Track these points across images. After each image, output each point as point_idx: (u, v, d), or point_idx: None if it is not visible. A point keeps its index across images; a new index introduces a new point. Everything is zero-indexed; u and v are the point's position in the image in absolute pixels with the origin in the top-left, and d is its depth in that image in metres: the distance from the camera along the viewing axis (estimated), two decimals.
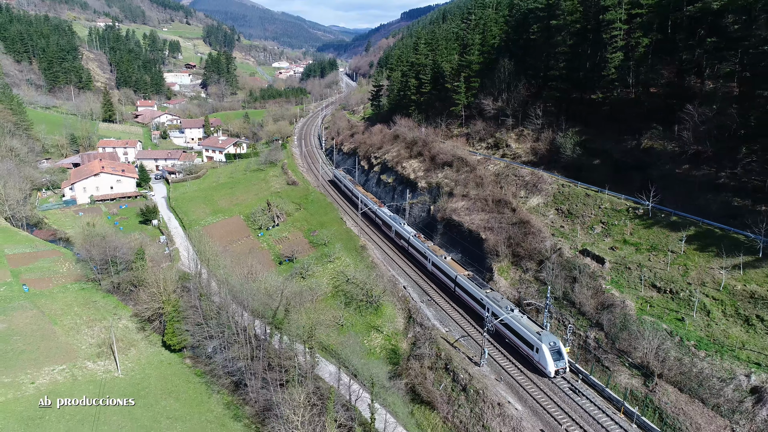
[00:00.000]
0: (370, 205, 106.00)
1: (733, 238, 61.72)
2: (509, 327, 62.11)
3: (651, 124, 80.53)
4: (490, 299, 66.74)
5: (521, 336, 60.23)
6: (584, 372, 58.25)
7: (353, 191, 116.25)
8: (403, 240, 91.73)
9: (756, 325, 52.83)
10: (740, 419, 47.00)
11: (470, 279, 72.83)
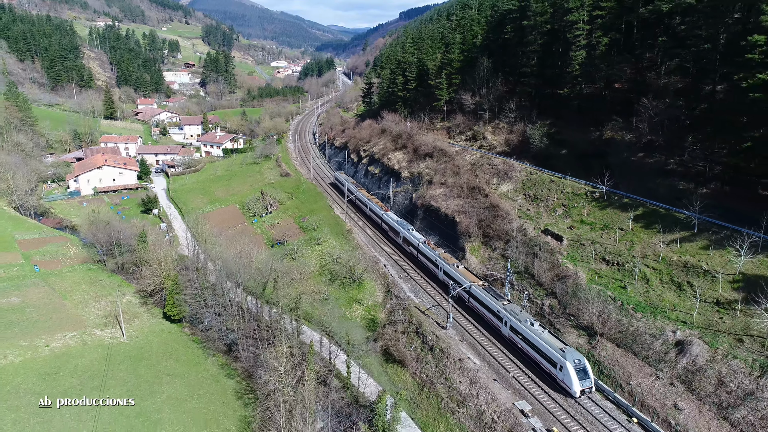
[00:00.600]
0: (375, 209, 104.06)
1: (674, 216, 69.08)
2: (529, 342, 59.47)
3: (612, 116, 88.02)
4: (508, 312, 63.56)
5: (543, 352, 57.35)
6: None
7: (357, 195, 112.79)
8: (412, 247, 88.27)
9: (686, 290, 60.17)
10: (664, 367, 54.36)
11: (486, 290, 69.40)
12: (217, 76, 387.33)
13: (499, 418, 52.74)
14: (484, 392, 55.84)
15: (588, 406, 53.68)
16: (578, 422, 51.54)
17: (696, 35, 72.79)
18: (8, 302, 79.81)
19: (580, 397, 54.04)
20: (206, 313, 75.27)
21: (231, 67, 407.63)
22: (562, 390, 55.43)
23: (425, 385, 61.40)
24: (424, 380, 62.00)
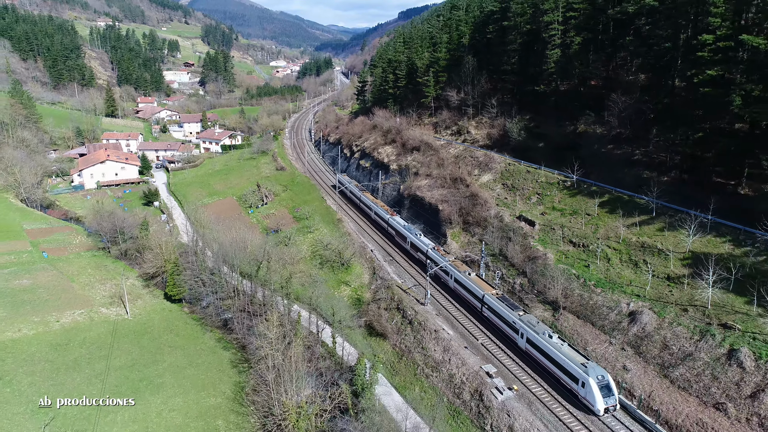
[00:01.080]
0: (380, 213, 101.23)
1: (635, 202, 75.10)
2: (548, 355, 56.76)
3: (586, 111, 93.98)
4: (524, 323, 60.87)
5: (563, 367, 54.58)
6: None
7: (361, 198, 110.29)
8: (420, 253, 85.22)
9: (642, 267, 66.08)
10: (617, 334, 60.24)
11: (500, 299, 66.46)
12: (216, 75, 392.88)
13: (468, 379, 58.61)
14: (455, 358, 61.73)
15: (612, 425, 50.98)
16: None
17: (658, 35, 78.69)
18: (20, 284, 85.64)
19: (604, 415, 51.14)
20: (204, 293, 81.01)
21: (230, 67, 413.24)
22: (584, 407, 52.56)
23: (404, 354, 67.29)
24: (403, 350, 67.88)
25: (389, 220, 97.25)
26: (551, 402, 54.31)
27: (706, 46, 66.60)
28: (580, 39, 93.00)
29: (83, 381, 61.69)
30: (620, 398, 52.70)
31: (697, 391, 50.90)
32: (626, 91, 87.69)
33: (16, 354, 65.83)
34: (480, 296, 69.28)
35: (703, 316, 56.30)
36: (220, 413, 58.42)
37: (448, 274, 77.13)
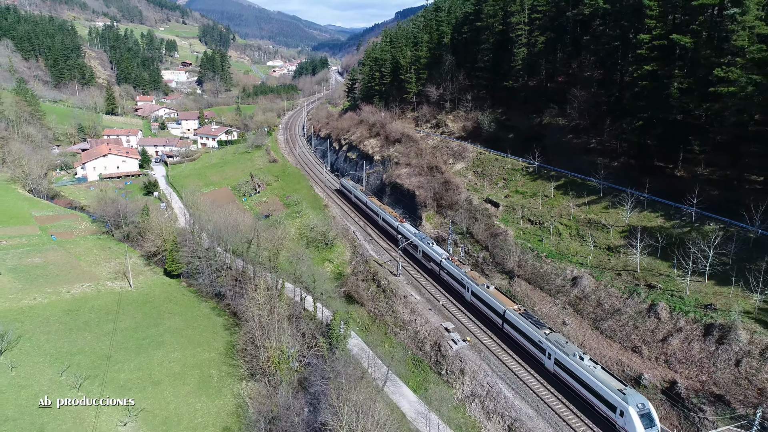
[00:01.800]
0: (389, 220, 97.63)
1: (587, 184, 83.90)
2: (580, 379, 52.42)
3: (550, 105, 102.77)
4: (552, 342, 56.64)
5: (597, 392, 50.27)
6: None
7: (368, 204, 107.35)
8: (433, 263, 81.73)
9: (587, 240, 74.84)
10: (560, 296, 69.02)
11: (523, 316, 62.31)
12: (213, 74, 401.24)
13: (429, 335, 67.33)
14: (420, 318, 70.47)
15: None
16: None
17: (608, 35, 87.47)
18: (32, 262, 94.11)
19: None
20: (200, 268, 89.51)
21: (227, 66, 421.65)
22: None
23: (377, 317, 76.00)
24: (376, 314, 76.57)
25: (399, 228, 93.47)
26: (498, 350, 63.19)
27: (644, 44, 75.38)
28: (543, 39, 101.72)
29: (93, 339, 70.25)
30: (662, 428, 48.77)
31: (620, 339, 59.74)
32: (584, 86, 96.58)
33: (33, 317, 74.31)
34: (501, 312, 65.00)
35: (633, 279, 65.07)
36: (214, 364, 67.02)
37: (464, 286, 73.10)
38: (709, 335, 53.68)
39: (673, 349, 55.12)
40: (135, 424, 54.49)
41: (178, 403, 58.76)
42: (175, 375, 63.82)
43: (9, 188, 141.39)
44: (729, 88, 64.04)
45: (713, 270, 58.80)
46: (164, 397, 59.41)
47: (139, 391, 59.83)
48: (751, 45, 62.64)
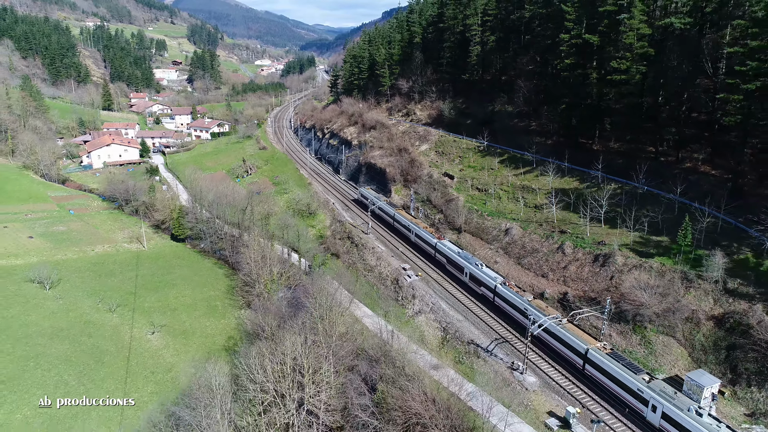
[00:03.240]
0: (423, 236, 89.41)
1: (524, 158, 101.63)
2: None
3: (501, 94, 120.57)
4: (657, 392, 48.63)
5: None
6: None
7: (396, 217, 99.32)
8: (485, 288, 72.25)
9: (520, 201, 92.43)
10: (495, 243, 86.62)
11: (613, 357, 53.30)
12: (203, 72, 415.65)
13: (390, 273, 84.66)
14: (384, 263, 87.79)
15: None
16: None
17: (543, 34, 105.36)
18: (57, 229, 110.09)
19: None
20: (203, 233, 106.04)
21: (216, 65, 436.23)
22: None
23: (350, 266, 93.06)
24: (350, 263, 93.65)
25: (438, 245, 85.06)
26: (441, 280, 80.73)
27: (565, 42, 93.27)
28: (494, 38, 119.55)
29: (119, 282, 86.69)
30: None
31: (535, 269, 77.54)
32: (528, 78, 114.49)
33: (67, 267, 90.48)
34: (581, 351, 55.48)
35: (550, 227, 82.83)
36: (218, 299, 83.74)
37: (527, 317, 61.61)
38: (596, 261, 71.65)
39: (570, 272, 73.05)
40: (160, 334, 71.13)
41: (191, 323, 75.43)
42: (187, 305, 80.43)
43: (23, 174, 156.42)
44: (622, 76, 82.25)
45: (607, 216, 76.79)
46: (180, 319, 76.06)
47: (160, 315, 76.43)
48: (637, 42, 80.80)
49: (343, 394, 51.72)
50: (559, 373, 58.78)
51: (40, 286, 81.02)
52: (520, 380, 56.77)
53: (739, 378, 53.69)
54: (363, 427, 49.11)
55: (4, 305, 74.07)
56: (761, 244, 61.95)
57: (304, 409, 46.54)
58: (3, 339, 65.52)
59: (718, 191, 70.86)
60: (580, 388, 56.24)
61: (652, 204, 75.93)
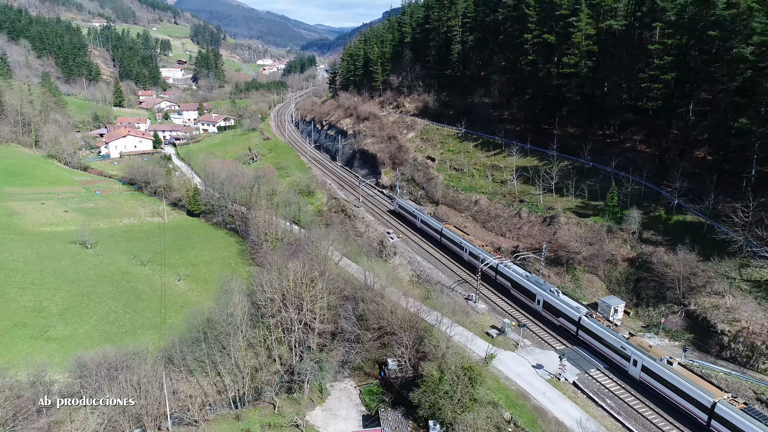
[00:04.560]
0: (480, 255, 78.83)
1: (495, 142, 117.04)
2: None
3: (478, 87, 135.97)
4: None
5: None
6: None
7: (444, 232, 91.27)
8: (566, 319, 64.01)
9: (488, 178, 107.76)
10: (466, 212, 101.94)
11: (749, 413, 44.16)
12: (207, 71, 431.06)
13: (376, 238, 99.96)
14: (371, 229, 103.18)
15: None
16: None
17: (513, 34, 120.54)
18: (87, 206, 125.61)
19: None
20: (215, 209, 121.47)
21: (220, 64, 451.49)
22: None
23: (343, 233, 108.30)
24: (342, 232, 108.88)
25: (499, 267, 76.12)
26: (417, 240, 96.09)
27: (528, 41, 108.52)
28: (473, 38, 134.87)
29: (147, 245, 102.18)
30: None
31: (496, 230, 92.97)
32: (501, 73, 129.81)
33: (101, 234, 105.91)
34: (707, 404, 46.87)
35: (512, 198, 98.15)
36: (231, 258, 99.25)
37: (627, 358, 54.65)
38: (544, 222, 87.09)
39: (523, 231, 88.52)
40: (185, 282, 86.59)
41: (210, 274, 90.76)
42: (205, 262, 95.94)
43: (48, 162, 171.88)
44: (572, 70, 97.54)
45: (557, 187, 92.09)
46: (201, 271, 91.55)
47: (183, 268, 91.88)
48: (584, 41, 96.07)
49: (335, 314, 67.16)
50: (502, 300, 74.33)
51: (82, 246, 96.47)
52: (473, 307, 72.17)
53: (641, 302, 69.11)
54: (349, 333, 64.58)
55: (56, 258, 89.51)
56: (670, 203, 77.32)
57: (304, 315, 61.87)
58: (60, 281, 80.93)
59: (648, 165, 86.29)
60: (515, 308, 72.81)
61: (594, 176, 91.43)
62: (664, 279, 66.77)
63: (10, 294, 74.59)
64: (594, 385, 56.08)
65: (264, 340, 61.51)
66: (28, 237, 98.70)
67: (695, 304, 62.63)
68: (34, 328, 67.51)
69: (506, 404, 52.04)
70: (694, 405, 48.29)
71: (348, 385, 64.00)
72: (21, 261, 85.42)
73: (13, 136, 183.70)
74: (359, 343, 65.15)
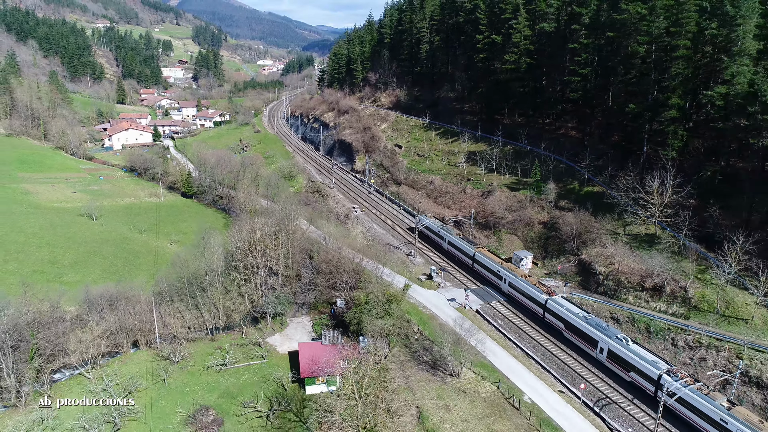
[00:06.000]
0: (527, 289, 69.90)
1: (453, 131, 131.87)
2: None
3: (444, 83, 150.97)
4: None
5: None
6: None
7: (477, 257, 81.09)
8: (639, 375, 53.67)
9: (445, 161, 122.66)
10: (422, 190, 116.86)
11: (461, 238, 53.70)
12: (207, 71, 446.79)
13: (343, 212, 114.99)
14: (340, 205, 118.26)
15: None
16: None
17: (470, 35, 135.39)
18: (92, 188, 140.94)
19: None
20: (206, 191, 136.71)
21: (220, 64, 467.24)
22: None
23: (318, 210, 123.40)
24: (317, 210, 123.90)
25: (548, 304, 66.02)
26: (378, 214, 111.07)
27: (479, 41, 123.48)
28: (439, 38, 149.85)
29: (145, 218, 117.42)
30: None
31: (444, 204, 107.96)
32: (463, 70, 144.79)
33: (104, 209, 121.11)
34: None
35: (461, 177, 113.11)
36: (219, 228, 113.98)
37: (728, 430, 45.11)
38: (483, 196, 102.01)
39: (465, 204, 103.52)
40: (176, 245, 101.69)
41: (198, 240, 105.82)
42: (194, 231, 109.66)
43: (56, 152, 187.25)
44: (513, 66, 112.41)
45: (498, 167, 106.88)
46: (190, 238, 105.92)
47: (175, 235, 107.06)
48: (522, 41, 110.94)
49: (298, 267, 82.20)
50: (437, 255, 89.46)
51: (89, 218, 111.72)
52: (411, 261, 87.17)
53: (547, 255, 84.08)
54: (307, 279, 79.61)
55: (66, 226, 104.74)
56: (582, 177, 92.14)
57: (268, 260, 76.84)
58: (70, 243, 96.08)
59: (572, 147, 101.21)
60: (443, 259, 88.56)
61: (529, 157, 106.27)
62: (566, 236, 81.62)
63: (29, 250, 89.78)
64: (491, 311, 71.04)
65: (233, 281, 76.38)
66: (42, 210, 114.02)
67: (585, 254, 77.43)
68: (49, 274, 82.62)
69: (419, 322, 67.00)
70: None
71: (304, 319, 78.92)
72: (37, 227, 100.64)
73: (24, 129, 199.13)
74: (315, 287, 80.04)
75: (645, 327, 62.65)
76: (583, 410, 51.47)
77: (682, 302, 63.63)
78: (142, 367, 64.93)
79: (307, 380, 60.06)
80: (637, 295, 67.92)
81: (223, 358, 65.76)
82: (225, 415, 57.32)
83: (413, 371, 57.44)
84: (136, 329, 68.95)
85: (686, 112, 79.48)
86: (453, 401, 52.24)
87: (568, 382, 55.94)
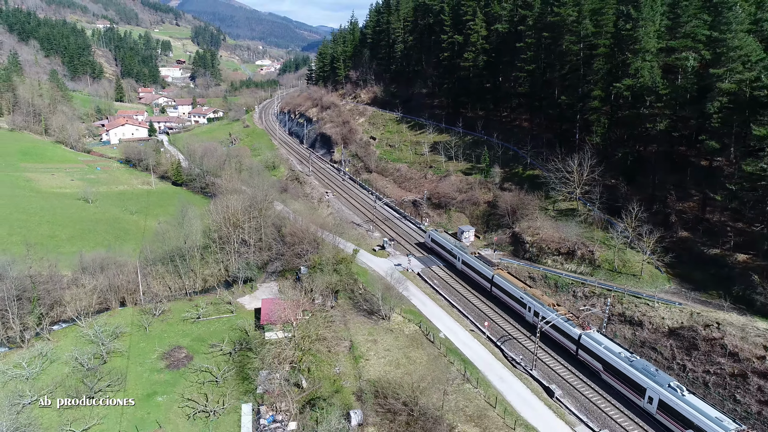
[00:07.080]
0: (559, 323, 60.81)
1: (421, 124, 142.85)
2: None
3: (418, 80, 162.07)
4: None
5: None
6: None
7: (495, 280, 73.82)
8: (679, 422, 47.38)
9: (413, 151, 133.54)
10: (390, 177, 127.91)
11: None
12: (204, 70, 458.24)
13: (317, 196, 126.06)
14: (315, 190, 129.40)
15: None
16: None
17: (438, 34, 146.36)
18: (90, 177, 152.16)
19: None
20: (194, 180, 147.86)
21: (217, 63, 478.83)
22: None
23: (295, 195, 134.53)
24: (296, 196, 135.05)
25: (583, 340, 58.18)
26: (348, 198, 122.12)
27: (444, 41, 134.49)
28: (412, 38, 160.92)
29: (136, 202, 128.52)
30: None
31: (405, 188, 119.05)
32: (433, 68, 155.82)
33: (100, 195, 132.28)
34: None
35: (425, 165, 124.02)
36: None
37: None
38: (440, 180, 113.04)
39: (424, 187, 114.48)
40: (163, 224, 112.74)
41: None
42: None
43: (57, 146, 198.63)
44: (471, 64, 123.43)
45: (457, 155, 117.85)
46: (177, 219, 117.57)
47: (163, 217, 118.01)
48: (479, 40, 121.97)
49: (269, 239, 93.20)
50: (390, 229, 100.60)
51: (85, 201, 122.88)
52: (369, 235, 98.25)
53: (488, 229, 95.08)
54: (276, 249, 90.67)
55: (64, 207, 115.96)
56: (525, 161, 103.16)
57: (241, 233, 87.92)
58: (67, 221, 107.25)
59: (525, 136, 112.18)
60: (395, 232, 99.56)
61: (484, 146, 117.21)
62: (504, 212, 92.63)
63: (31, 226, 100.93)
64: (430, 273, 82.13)
65: (210, 251, 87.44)
66: (42, 194, 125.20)
67: (518, 227, 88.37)
68: (49, 246, 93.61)
69: (365, 282, 78.04)
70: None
71: (272, 285, 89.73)
72: (38, 208, 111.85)
73: (26, 125, 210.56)
74: (282, 256, 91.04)
75: (554, 283, 73.74)
76: (486, 343, 62.55)
77: (589, 263, 74.69)
78: (128, 319, 75.95)
79: (266, 326, 71.05)
80: (554, 258, 78.96)
81: (197, 311, 76.82)
82: (195, 353, 68.33)
83: (353, 316, 68.49)
84: (123, 289, 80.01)
85: (607, 103, 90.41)
86: (381, 337, 63.31)
87: (477, 321, 67.32)
